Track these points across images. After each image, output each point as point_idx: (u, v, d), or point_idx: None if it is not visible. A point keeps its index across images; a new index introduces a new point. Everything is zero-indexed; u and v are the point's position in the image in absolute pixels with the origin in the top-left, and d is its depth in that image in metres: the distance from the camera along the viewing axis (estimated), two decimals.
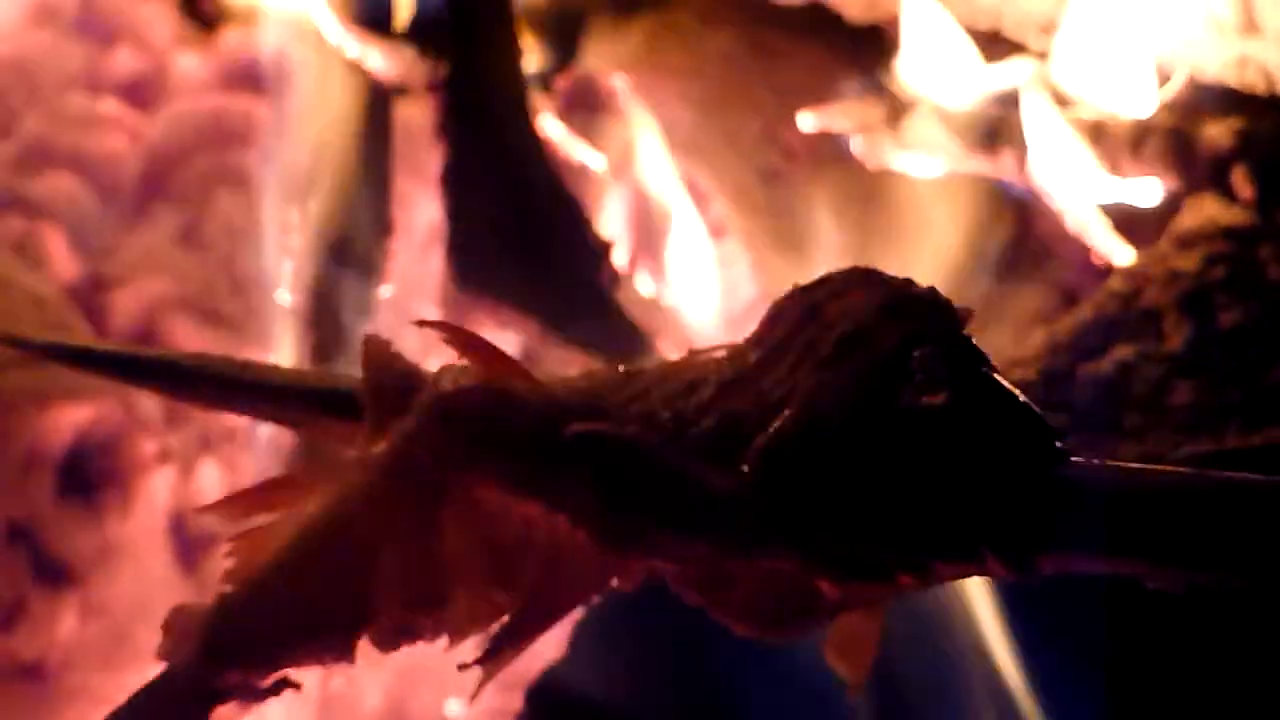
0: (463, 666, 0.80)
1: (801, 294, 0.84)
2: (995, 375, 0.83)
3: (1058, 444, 0.85)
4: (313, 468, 0.98)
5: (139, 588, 2.35)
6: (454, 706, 2.32)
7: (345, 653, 0.83)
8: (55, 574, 2.33)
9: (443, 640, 1.02)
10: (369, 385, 0.91)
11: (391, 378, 0.88)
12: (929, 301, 0.85)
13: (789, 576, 0.82)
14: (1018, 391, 0.84)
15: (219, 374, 1.14)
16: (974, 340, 0.84)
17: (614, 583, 0.87)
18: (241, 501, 0.90)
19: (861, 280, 0.83)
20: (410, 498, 0.85)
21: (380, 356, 0.93)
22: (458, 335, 0.86)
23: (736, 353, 0.85)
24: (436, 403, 0.85)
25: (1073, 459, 0.87)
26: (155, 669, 2.04)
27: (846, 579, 0.83)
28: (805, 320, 0.83)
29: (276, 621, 0.86)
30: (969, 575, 0.83)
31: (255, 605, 0.86)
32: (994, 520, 0.80)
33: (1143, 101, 1.92)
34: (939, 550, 0.80)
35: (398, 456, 0.86)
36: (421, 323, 0.90)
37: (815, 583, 0.82)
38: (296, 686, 0.82)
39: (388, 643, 0.82)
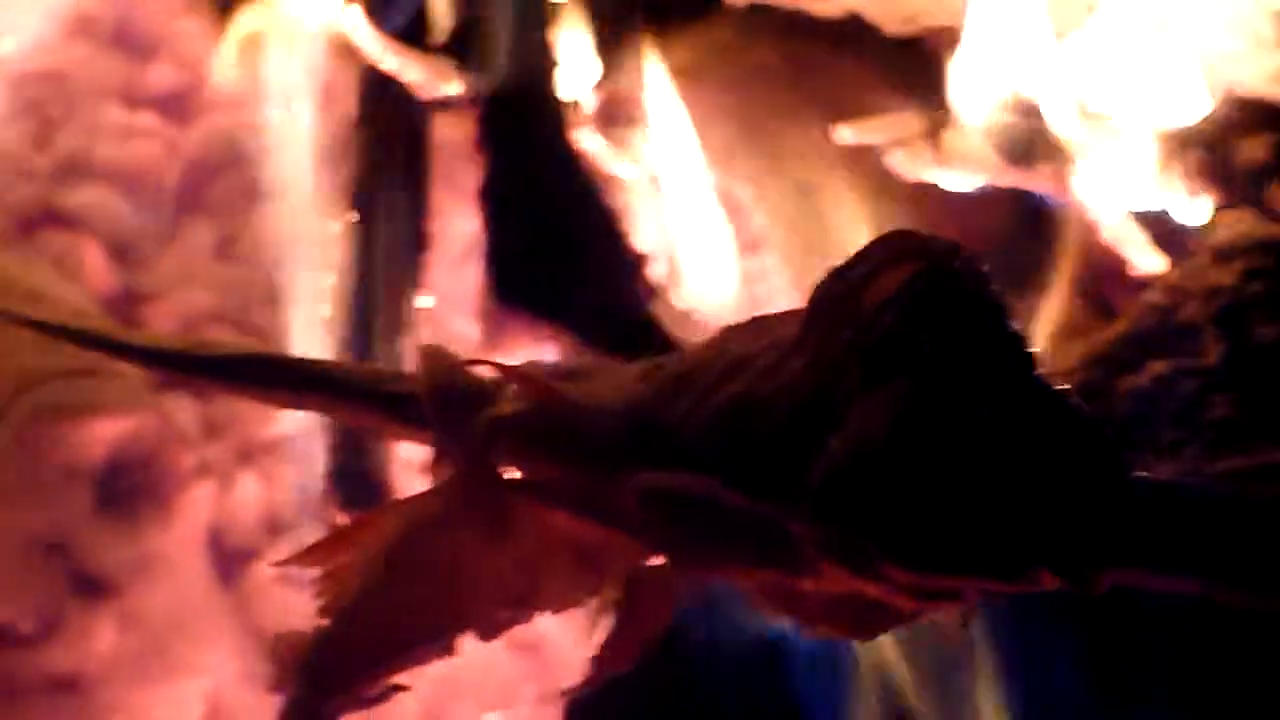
0: (568, 692, 1.02)
1: (838, 278, 0.85)
2: (1047, 381, 0.84)
3: (1119, 458, 0.85)
4: (384, 507, 1.06)
5: (176, 600, 2.37)
6: (491, 718, 2.35)
7: (446, 654, 0.91)
8: (92, 587, 2.35)
9: (480, 653, 1.08)
10: (431, 396, 0.95)
11: (453, 390, 0.92)
12: (971, 292, 0.83)
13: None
14: (1074, 399, 0.85)
15: (280, 367, 1.19)
16: (1021, 337, 0.84)
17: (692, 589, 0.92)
18: (323, 548, 0.96)
19: (897, 255, 0.84)
20: (479, 515, 0.91)
21: (439, 367, 0.96)
22: (508, 371, 0.90)
23: (782, 349, 0.87)
24: (495, 424, 0.88)
25: (1134, 474, 0.88)
26: (192, 682, 2.01)
27: (916, 600, 0.85)
28: (846, 310, 0.84)
29: (371, 645, 0.93)
30: (1034, 590, 0.84)
31: (351, 634, 0.93)
32: (1057, 537, 0.82)
33: (1181, 115, 1.93)
34: (1000, 572, 0.82)
35: (463, 481, 0.91)
36: (474, 361, 0.94)
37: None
38: (405, 688, 0.90)
39: (490, 634, 0.89)
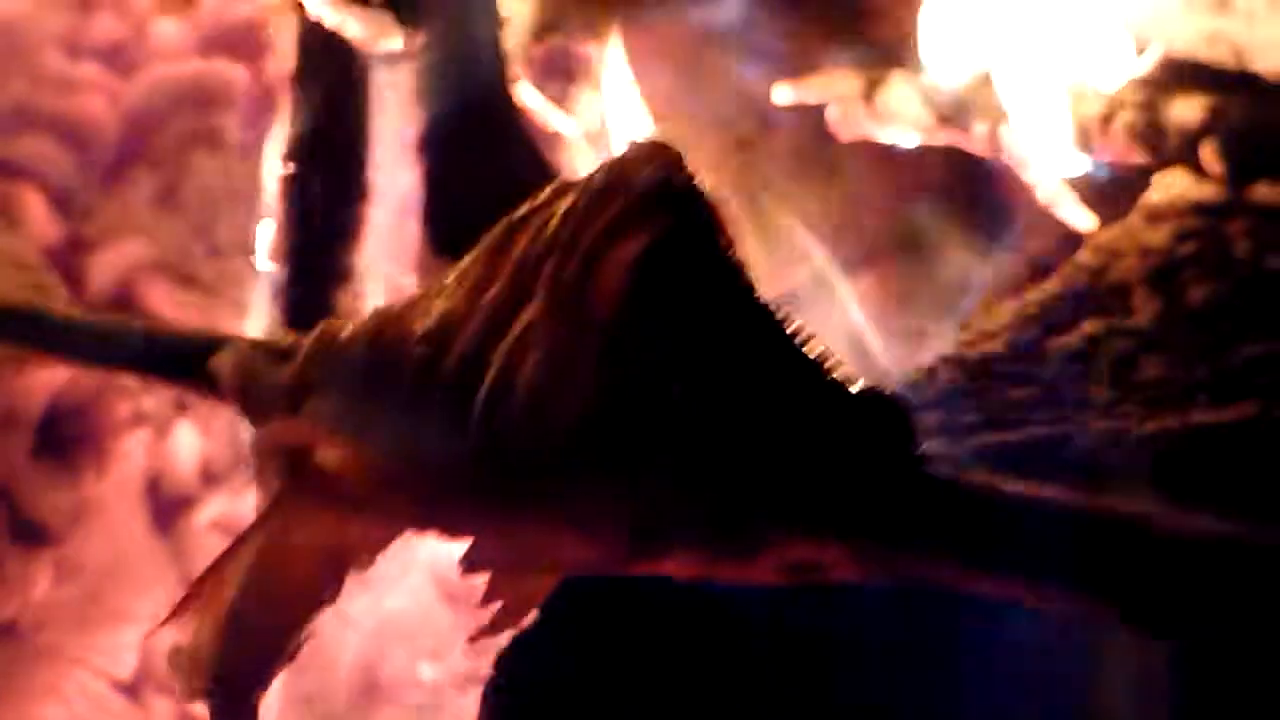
0: (473, 638, 1.02)
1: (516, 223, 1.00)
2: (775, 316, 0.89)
3: (906, 437, 0.91)
4: (228, 550, 1.09)
5: (113, 548, 2.38)
6: (426, 670, 2.35)
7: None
8: (30, 534, 2.35)
9: (415, 604, 1.18)
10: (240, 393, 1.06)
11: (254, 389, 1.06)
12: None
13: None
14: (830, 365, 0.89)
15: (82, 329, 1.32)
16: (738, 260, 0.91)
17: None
18: (190, 600, 1.05)
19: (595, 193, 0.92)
20: (312, 515, 1.00)
21: (248, 369, 1.07)
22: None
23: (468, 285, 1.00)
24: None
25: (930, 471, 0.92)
26: (129, 628, 2.10)
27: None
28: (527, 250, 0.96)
29: (257, 649, 1.02)
30: (818, 567, 0.90)
31: (238, 643, 1.02)
32: (787, 504, 0.86)
33: (1113, 75, 1.93)
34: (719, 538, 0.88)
35: (280, 503, 1.00)
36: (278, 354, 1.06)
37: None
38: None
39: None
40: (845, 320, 2.13)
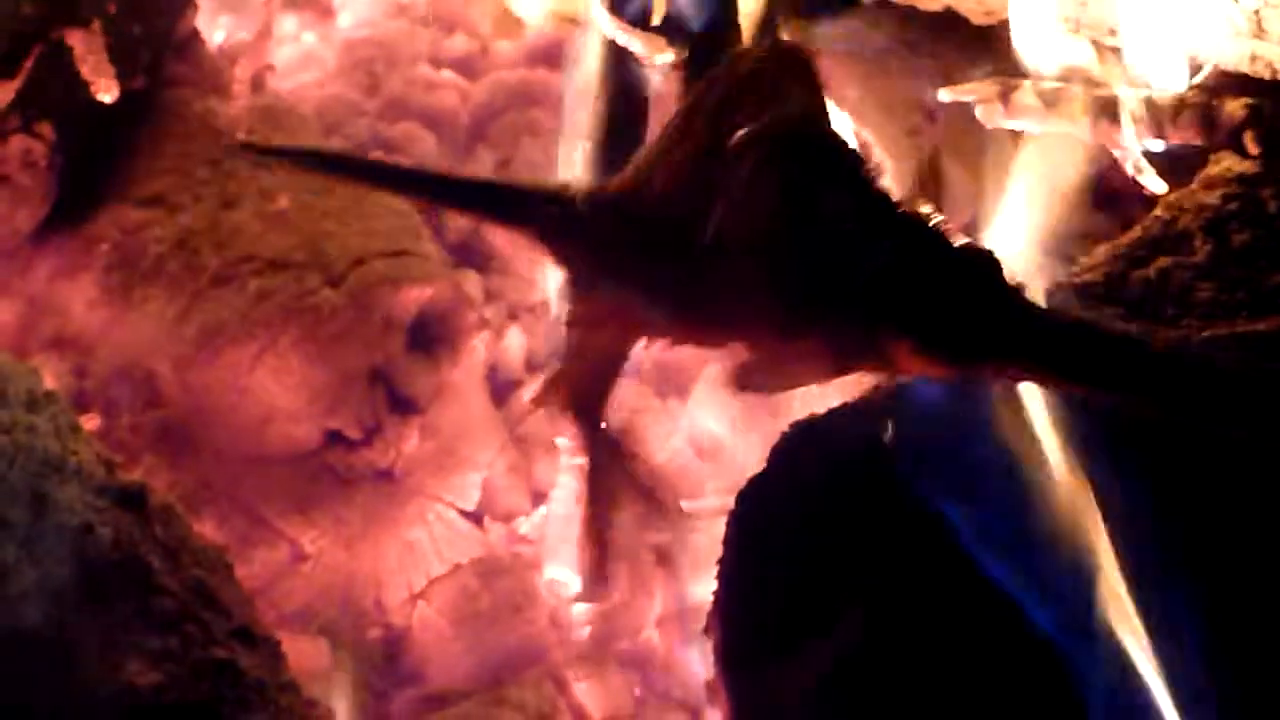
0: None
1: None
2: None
3: (998, 270, 1.22)
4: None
5: (463, 416, 2.69)
6: (685, 504, 2.58)
7: None
8: (404, 406, 2.68)
9: (677, 459, 1.81)
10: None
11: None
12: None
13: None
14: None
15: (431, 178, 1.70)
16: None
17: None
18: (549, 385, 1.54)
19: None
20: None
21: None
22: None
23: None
24: None
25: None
26: (473, 474, 2.59)
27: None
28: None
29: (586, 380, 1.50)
30: (912, 364, 1.19)
31: (575, 379, 1.51)
32: (907, 311, 1.16)
33: (1179, 82, 2.22)
34: (851, 322, 1.15)
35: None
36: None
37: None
38: None
39: None
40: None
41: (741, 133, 1.21)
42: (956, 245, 1.19)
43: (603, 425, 1.60)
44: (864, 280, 1.14)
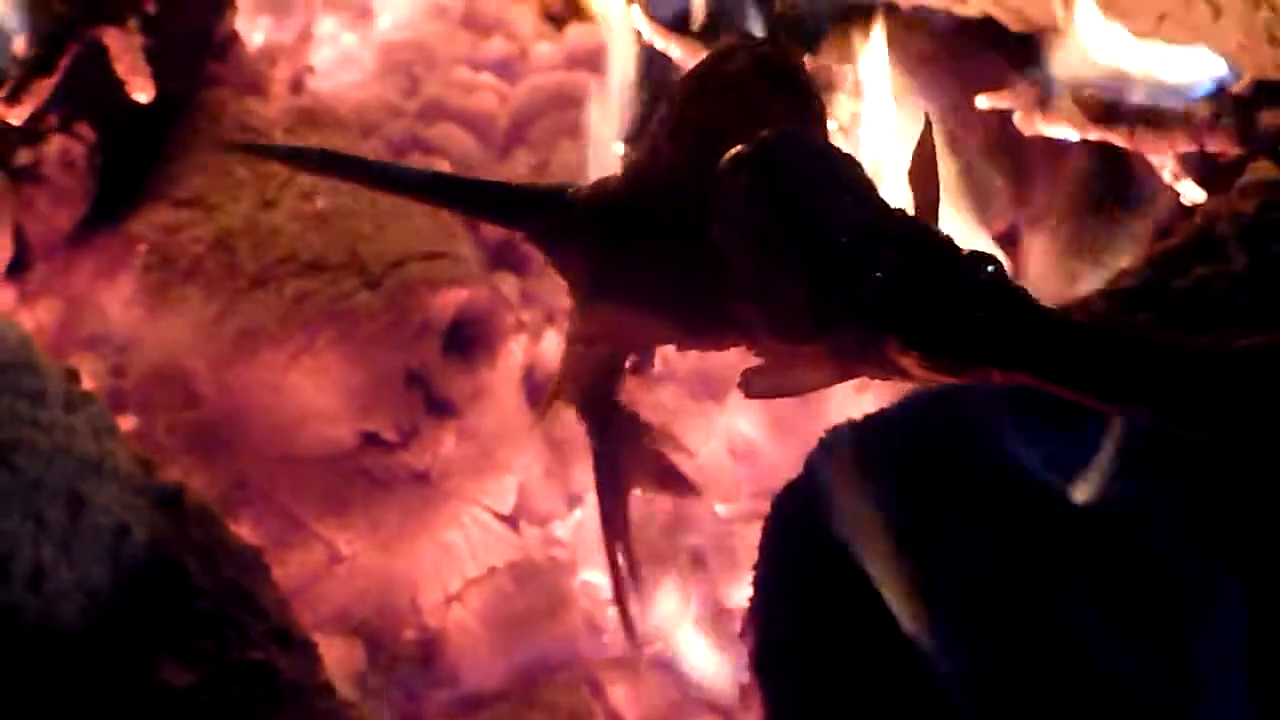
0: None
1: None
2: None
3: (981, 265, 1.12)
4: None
5: (499, 419, 2.67)
6: (720, 509, 2.59)
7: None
8: (440, 408, 2.66)
9: (712, 461, 1.76)
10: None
11: None
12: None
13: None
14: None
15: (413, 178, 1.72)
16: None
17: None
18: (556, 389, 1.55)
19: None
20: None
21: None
22: None
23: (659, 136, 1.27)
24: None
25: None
26: (509, 477, 2.57)
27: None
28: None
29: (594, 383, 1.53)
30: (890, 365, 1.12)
31: (585, 380, 1.53)
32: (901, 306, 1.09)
33: (1218, 93, 2.24)
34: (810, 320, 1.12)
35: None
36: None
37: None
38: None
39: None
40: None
41: (731, 154, 1.18)
42: (961, 254, 1.14)
43: (628, 417, 1.61)
44: (867, 294, 1.11)
